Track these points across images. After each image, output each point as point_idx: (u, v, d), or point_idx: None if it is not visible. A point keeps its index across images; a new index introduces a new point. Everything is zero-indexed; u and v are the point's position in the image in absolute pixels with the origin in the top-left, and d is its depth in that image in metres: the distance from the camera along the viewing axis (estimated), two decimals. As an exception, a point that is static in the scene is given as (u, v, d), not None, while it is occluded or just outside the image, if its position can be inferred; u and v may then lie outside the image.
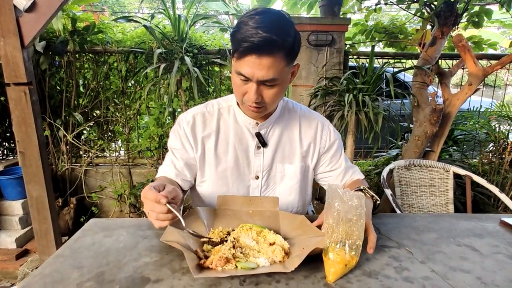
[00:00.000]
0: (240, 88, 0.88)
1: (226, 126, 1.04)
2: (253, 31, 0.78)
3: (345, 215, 0.69)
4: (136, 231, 0.89)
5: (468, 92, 2.38)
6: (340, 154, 1.11)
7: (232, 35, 0.84)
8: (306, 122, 1.08)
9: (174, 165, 1.03)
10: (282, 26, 0.81)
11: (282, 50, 0.81)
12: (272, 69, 0.81)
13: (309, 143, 1.07)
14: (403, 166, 1.89)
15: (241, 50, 0.80)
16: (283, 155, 1.05)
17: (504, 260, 0.78)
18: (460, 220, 1.02)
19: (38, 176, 1.92)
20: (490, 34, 4.82)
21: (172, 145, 1.05)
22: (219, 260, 0.69)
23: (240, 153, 1.02)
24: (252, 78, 0.83)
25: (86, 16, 2.80)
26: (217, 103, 1.06)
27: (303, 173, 1.07)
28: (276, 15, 0.82)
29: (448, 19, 2.47)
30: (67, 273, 0.70)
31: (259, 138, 1.01)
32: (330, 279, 0.68)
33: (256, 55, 0.79)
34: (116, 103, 2.92)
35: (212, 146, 1.02)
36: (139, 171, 2.96)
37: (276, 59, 0.81)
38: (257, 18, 0.79)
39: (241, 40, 0.79)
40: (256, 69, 0.81)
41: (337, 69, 2.85)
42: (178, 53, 2.54)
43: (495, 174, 2.87)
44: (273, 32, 0.78)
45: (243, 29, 0.79)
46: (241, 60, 0.82)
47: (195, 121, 1.03)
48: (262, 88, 0.86)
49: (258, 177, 1.04)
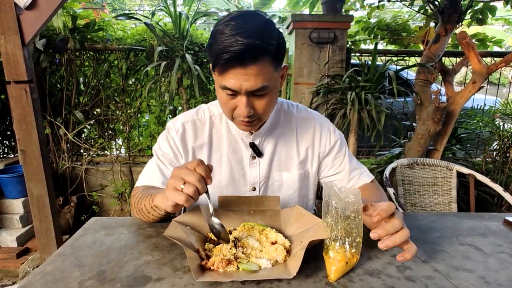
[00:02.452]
0: (228, 103, 0.80)
1: (219, 136, 0.97)
2: (231, 39, 0.69)
3: (343, 212, 0.68)
4: (137, 229, 0.89)
5: (472, 90, 2.36)
6: (343, 155, 1.03)
7: (209, 48, 0.76)
8: (303, 125, 1.01)
9: (161, 171, 0.95)
10: (262, 28, 0.73)
11: (267, 55, 0.74)
12: (260, 77, 0.74)
13: (307, 147, 1.00)
14: (406, 164, 1.88)
15: (222, 63, 0.72)
16: (279, 163, 0.99)
17: (507, 260, 0.77)
18: (463, 219, 1.01)
19: (38, 175, 1.92)
20: (495, 32, 4.79)
21: (160, 151, 0.97)
22: (221, 262, 0.68)
23: (234, 165, 0.97)
24: (240, 90, 0.75)
25: (87, 13, 2.80)
26: (208, 109, 0.99)
27: (302, 180, 1.01)
28: (253, 17, 0.74)
29: (451, 16, 2.45)
30: (68, 272, 0.70)
31: (253, 149, 0.95)
32: (331, 278, 0.67)
33: (240, 65, 0.72)
34: (117, 101, 2.92)
35: (204, 159, 0.96)
36: (139, 169, 2.96)
37: (263, 66, 0.74)
38: (233, 24, 0.71)
39: (219, 52, 0.71)
40: (242, 80, 0.74)
41: (339, 67, 2.84)
42: (179, 51, 2.54)
43: (499, 173, 2.85)
44: (254, 37, 0.70)
45: (219, 39, 0.71)
46: (225, 74, 0.74)
47: (185, 129, 0.96)
48: (252, 99, 0.79)
49: (255, 189, 0.99)
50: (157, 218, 0.87)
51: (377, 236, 0.66)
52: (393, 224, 0.66)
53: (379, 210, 0.66)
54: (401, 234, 0.66)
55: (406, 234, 0.67)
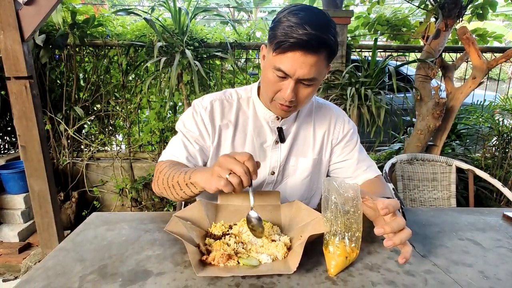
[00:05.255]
0: (275, 84, 0.83)
1: (245, 118, 1.00)
2: (300, 27, 0.74)
3: (342, 207, 0.69)
4: (138, 224, 0.89)
5: (472, 85, 2.35)
6: (354, 145, 1.06)
7: (272, 30, 0.80)
8: (320, 113, 1.05)
9: (186, 148, 0.96)
10: (328, 25, 0.78)
11: (327, 50, 0.78)
12: (314, 68, 0.78)
13: (323, 134, 1.04)
14: (405, 160, 1.88)
15: (286, 46, 0.76)
16: (297, 148, 1.02)
17: (506, 254, 0.78)
18: (463, 214, 1.02)
19: (39, 170, 1.93)
20: (495, 27, 4.76)
21: (185, 128, 0.98)
22: (221, 257, 0.69)
23: (257, 148, 0.99)
24: (292, 75, 0.79)
25: (86, 9, 2.78)
26: (235, 93, 1.02)
27: (315, 165, 1.04)
28: (320, 13, 0.79)
29: (452, 11, 2.43)
30: (70, 266, 0.70)
31: (280, 134, 0.98)
32: (331, 272, 0.68)
33: (302, 52, 0.76)
34: (117, 97, 2.91)
35: (229, 137, 0.98)
36: (140, 165, 2.96)
37: (320, 58, 0.78)
38: (302, 15, 0.76)
39: (285, 35, 0.75)
40: (298, 66, 0.78)
41: (340, 63, 2.83)
42: (179, 47, 2.53)
43: (498, 168, 2.86)
44: (320, 30, 0.75)
45: (286, 24, 0.75)
46: (283, 56, 0.78)
47: (213, 107, 0.98)
48: (298, 86, 0.83)
49: (274, 173, 1.02)
50: (187, 196, 0.86)
51: (382, 232, 0.67)
52: (398, 222, 0.68)
53: (387, 204, 0.67)
54: (406, 233, 0.68)
55: (409, 233, 0.68)
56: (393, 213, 0.69)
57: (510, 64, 3.80)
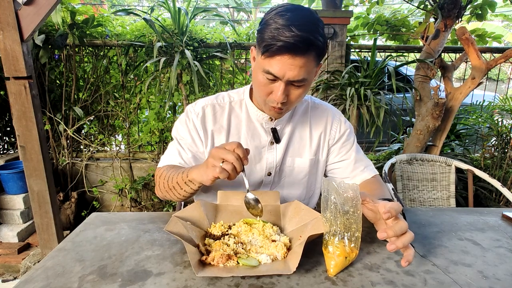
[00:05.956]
0: (266, 87, 0.84)
1: (238, 121, 1.00)
2: (286, 29, 0.73)
3: (341, 207, 0.69)
4: (137, 225, 0.89)
5: (471, 85, 2.36)
6: (350, 145, 1.07)
7: (260, 32, 0.80)
8: (317, 113, 1.05)
9: (180, 156, 0.99)
10: (315, 25, 0.77)
11: (315, 50, 0.78)
12: (304, 69, 0.78)
13: (320, 135, 1.04)
14: (405, 160, 1.88)
15: (273, 49, 0.75)
16: (294, 148, 1.03)
17: (505, 254, 0.78)
18: (462, 214, 1.02)
19: (39, 170, 1.92)
20: (494, 28, 4.77)
21: (179, 135, 1.01)
22: (221, 257, 0.69)
23: (252, 150, 0.99)
24: (282, 77, 0.79)
25: (85, 9, 2.78)
26: (228, 96, 1.03)
27: (312, 166, 1.05)
28: (307, 12, 0.79)
29: (451, 11, 2.44)
30: (69, 267, 0.70)
31: (274, 135, 0.99)
32: (331, 273, 0.68)
33: (290, 54, 0.75)
34: (116, 97, 2.91)
35: (223, 141, 0.99)
36: (139, 165, 2.96)
37: (309, 59, 0.78)
38: (288, 16, 0.75)
39: (272, 38, 0.75)
40: (287, 69, 0.78)
41: (339, 63, 2.83)
42: (179, 47, 2.53)
43: (497, 168, 2.86)
44: (308, 31, 0.74)
45: (275, 26, 0.75)
46: (271, 59, 0.78)
47: (204, 113, 0.99)
48: (289, 88, 0.83)
49: (270, 174, 1.02)
50: (189, 194, 0.89)
51: (385, 236, 0.66)
52: (400, 226, 0.67)
53: (389, 208, 0.66)
54: (408, 236, 0.67)
55: (412, 237, 0.67)
56: (395, 216, 0.69)
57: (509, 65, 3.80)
